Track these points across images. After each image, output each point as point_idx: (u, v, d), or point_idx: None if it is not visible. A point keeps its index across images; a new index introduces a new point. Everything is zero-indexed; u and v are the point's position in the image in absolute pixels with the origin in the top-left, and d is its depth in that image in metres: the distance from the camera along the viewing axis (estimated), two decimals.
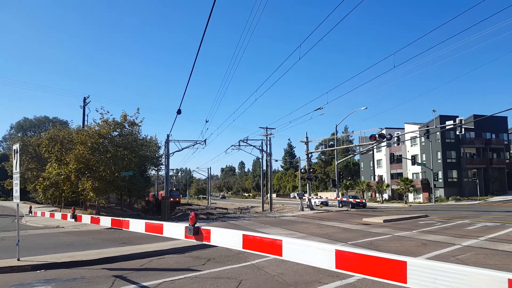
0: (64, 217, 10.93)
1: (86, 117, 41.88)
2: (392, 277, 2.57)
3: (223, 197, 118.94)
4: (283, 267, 8.51)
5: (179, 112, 12.63)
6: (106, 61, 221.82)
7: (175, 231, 4.98)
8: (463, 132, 30.91)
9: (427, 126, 55.97)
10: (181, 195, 75.64)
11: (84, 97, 42.85)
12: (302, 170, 42.85)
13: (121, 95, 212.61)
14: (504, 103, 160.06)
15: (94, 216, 9.02)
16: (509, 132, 69.19)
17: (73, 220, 9.21)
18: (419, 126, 62.54)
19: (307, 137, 41.74)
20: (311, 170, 41.35)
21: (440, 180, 59.13)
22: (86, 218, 8.90)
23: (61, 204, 35.89)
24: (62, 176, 26.31)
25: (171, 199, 43.96)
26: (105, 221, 7.54)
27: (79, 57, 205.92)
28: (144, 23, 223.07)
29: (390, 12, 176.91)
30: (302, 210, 36.88)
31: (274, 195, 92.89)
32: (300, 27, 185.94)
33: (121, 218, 6.84)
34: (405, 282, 2.50)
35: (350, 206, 42.52)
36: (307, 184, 40.74)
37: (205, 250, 11.12)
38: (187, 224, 4.62)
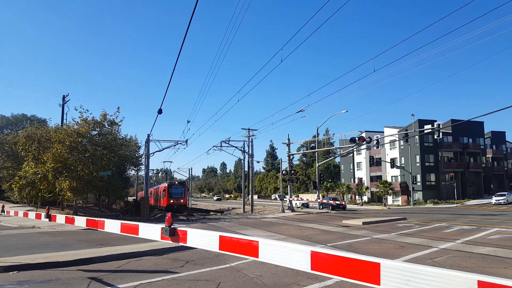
0: (38, 216, 10.64)
1: (65, 115, 40.92)
2: (366, 279, 2.56)
3: (219, 199, 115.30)
4: (262, 269, 8.47)
5: (160, 111, 12.47)
6: (86, 60, 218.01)
7: (151, 232, 4.89)
8: (441, 136, 31.57)
9: (406, 130, 57.01)
10: (188, 195, 55.00)
11: (64, 95, 41.89)
12: (284, 172, 42.99)
13: (101, 94, 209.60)
14: (481, 108, 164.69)
15: (69, 216, 8.79)
16: (485, 137, 71.16)
17: (47, 219, 8.98)
18: (398, 129, 63.64)
19: (288, 139, 41.92)
20: (292, 172, 41.51)
21: (419, 183, 60.27)
22: (60, 218, 8.68)
23: (37, 203, 34.97)
24: (39, 175, 25.67)
25: (172, 201, 40.74)
26: (80, 221, 7.37)
27: (58, 55, 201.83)
28: (125, 22, 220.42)
29: (373, 15, 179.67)
30: (283, 211, 36.96)
31: (255, 197, 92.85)
32: (283, 29, 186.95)
33: (96, 219, 6.69)
34: (379, 284, 2.50)
35: (331, 208, 42.88)
36: (289, 186, 40.89)
37: (184, 252, 10.98)
38: (164, 225, 4.54)
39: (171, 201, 40.75)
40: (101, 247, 11.78)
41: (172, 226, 4.41)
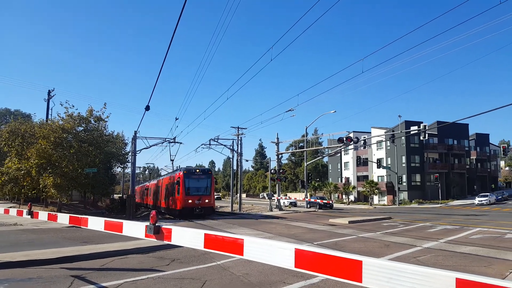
0: (19, 213, 10.43)
1: (50, 110, 40.19)
2: (348, 276, 2.58)
3: (218, 198, 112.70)
4: (249, 267, 8.47)
5: (147, 108, 12.34)
6: (72, 55, 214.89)
7: (135, 229, 4.83)
8: (426, 138, 32.04)
9: (393, 131, 57.62)
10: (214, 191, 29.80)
11: (49, 90, 41.12)
12: (272, 171, 43.05)
13: (88, 90, 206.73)
14: (466, 110, 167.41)
15: (51, 213, 8.64)
16: (470, 138, 72.37)
17: (29, 216, 8.81)
18: (385, 130, 64.30)
19: (277, 138, 42.00)
20: (281, 171, 41.63)
21: (404, 183, 61.00)
22: (43, 215, 8.53)
23: (20, 200, 34.33)
24: (22, 172, 25.20)
25: (191, 200, 25.83)
26: (63, 219, 7.25)
27: (45, 48, 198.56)
28: (114, 19, 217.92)
29: (363, 15, 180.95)
30: (271, 210, 37.03)
31: (244, 195, 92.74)
32: (273, 29, 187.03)
33: (80, 216, 6.59)
34: (361, 281, 2.52)
35: (318, 207, 43.14)
36: (277, 185, 40.97)
37: (170, 251, 10.91)
38: (148, 223, 4.49)
39: (189, 200, 25.66)
40: (85, 245, 11.61)
41: (156, 224, 4.37)
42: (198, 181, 26.89)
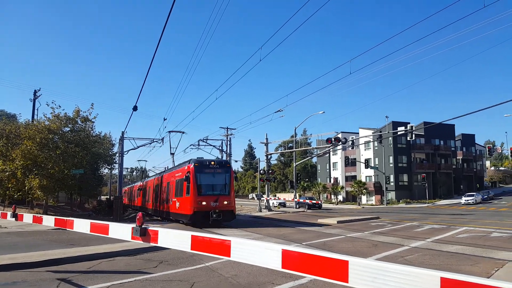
0: (3, 216, 10.23)
1: (36, 111, 39.58)
2: (334, 277, 2.58)
3: None
4: (237, 268, 8.44)
5: (135, 108, 12.23)
6: (59, 55, 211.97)
7: (121, 231, 4.78)
8: (414, 138, 32.44)
9: (380, 132, 58.16)
10: (234, 189, 22.32)
11: (35, 90, 40.43)
12: (261, 171, 43.05)
13: (75, 90, 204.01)
14: (452, 111, 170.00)
15: (37, 215, 8.50)
16: (456, 139, 73.45)
17: (13, 219, 8.64)
18: (373, 131, 64.86)
19: (267, 139, 42.00)
20: (270, 171, 41.60)
21: (392, 183, 61.60)
22: (28, 217, 8.38)
23: (4, 202, 33.72)
24: (7, 173, 24.74)
25: (205, 202, 19.73)
26: (49, 221, 7.14)
27: (31, 49, 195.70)
28: (102, 11, 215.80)
29: (352, 17, 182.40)
30: (260, 211, 37.03)
31: None
32: (263, 29, 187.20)
33: (65, 218, 6.49)
34: (347, 281, 2.52)
35: (307, 207, 43.29)
36: (266, 185, 40.97)
37: (158, 252, 10.82)
38: (134, 225, 4.44)
39: (203, 202, 19.83)
40: (72, 248, 11.46)
41: (143, 226, 4.33)
42: (213, 177, 20.94)
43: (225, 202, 20.30)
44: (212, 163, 21.48)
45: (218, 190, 20.75)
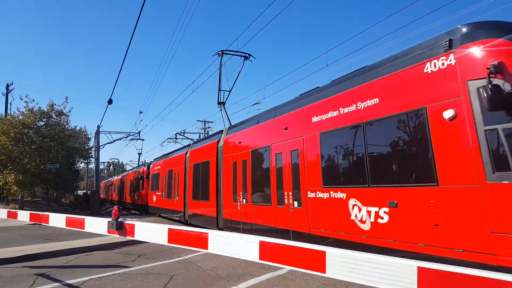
0: None
1: (9, 105, 38.39)
2: (312, 267, 2.60)
3: None
4: (217, 261, 8.46)
5: (110, 102, 11.95)
6: (33, 48, 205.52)
7: (97, 225, 4.72)
8: None
9: None
10: None
11: (7, 84, 39.14)
12: None
13: (49, 84, 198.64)
14: None
15: (11, 210, 8.29)
16: None
17: None
18: None
19: None
20: None
21: None
22: (2, 213, 8.20)
23: None
24: None
25: None
26: (24, 216, 6.98)
27: (3, 43, 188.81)
28: (76, 2, 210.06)
29: (330, 9, 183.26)
30: None
31: None
32: (240, 20, 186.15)
33: (40, 213, 6.35)
34: (324, 272, 2.54)
35: None
36: None
37: (136, 246, 10.74)
38: (110, 219, 4.38)
39: None
40: (49, 243, 11.25)
41: (119, 220, 4.28)
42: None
43: None
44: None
45: None
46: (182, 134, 40.12)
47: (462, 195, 4.92)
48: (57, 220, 5.85)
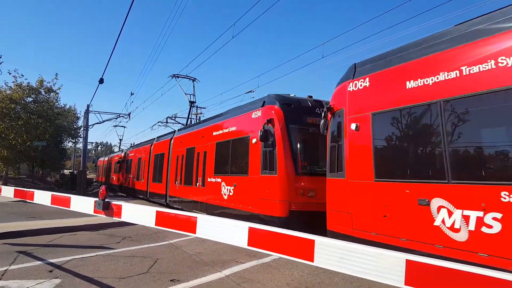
0: None
1: None
2: (300, 255, 2.59)
3: None
4: (202, 246, 8.46)
5: (101, 81, 11.79)
6: (22, 22, 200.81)
7: (83, 205, 4.63)
8: None
9: None
10: None
11: None
12: None
13: (39, 60, 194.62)
14: None
15: None
16: None
17: None
18: None
19: None
20: None
21: None
22: None
23: None
24: None
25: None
26: (8, 192, 6.84)
27: None
28: None
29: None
30: None
31: None
32: (237, 6, 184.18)
33: (25, 189, 6.23)
34: (312, 261, 2.54)
35: None
36: None
37: (122, 228, 10.67)
38: (97, 199, 4.31)
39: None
40: (33, 220, 11.11)
41: (106, 200, 4.20)
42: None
43: None
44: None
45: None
46: (173, 118, 39.65)
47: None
48: (42, 197, 5.74)
